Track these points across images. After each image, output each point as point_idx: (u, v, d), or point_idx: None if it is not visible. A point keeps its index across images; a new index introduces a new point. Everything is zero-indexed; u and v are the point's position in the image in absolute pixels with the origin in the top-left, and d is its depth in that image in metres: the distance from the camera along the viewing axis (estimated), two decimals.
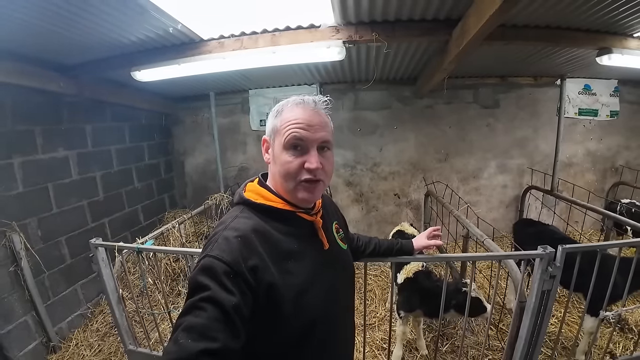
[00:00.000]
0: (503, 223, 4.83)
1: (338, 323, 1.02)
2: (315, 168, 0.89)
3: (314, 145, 0.91)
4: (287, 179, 0.91)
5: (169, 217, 4.78)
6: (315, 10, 2.33)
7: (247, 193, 0.97)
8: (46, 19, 2.04)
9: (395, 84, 4.49)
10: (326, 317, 0.94)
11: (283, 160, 0.90)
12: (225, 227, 0.86)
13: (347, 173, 4.86)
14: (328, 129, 0.95)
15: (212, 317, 0.70)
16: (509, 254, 1.90)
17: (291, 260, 0.89)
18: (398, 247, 1.57)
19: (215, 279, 0.74)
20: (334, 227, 1.12)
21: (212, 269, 0.76)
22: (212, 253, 0.78)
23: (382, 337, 2.83)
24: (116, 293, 2.30)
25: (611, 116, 4.78)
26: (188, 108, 4.88)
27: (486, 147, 4.74)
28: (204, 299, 0.72)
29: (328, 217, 1.09)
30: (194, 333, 0.68)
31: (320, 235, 1.00)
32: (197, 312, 0.71)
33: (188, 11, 2.20)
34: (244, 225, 0.86)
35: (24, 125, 2.86)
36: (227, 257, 0.77)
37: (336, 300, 1.00)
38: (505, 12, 1.86)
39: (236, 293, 0.74)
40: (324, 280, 0.95)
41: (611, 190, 4.94)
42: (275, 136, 0.93)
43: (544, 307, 1.85)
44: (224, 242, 0.81)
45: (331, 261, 1.02)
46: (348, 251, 1.16)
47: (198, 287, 0.74)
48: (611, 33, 2.78)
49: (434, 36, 2.56)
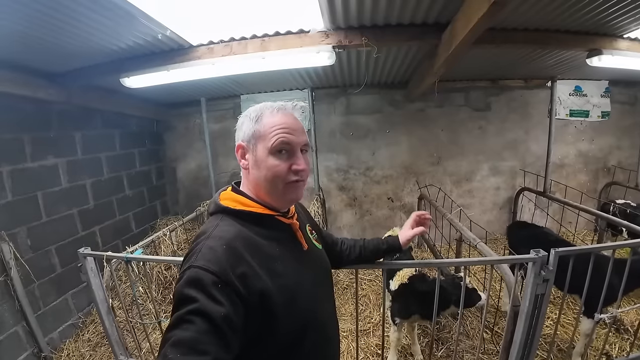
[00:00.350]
0: (497, 225, 4.86)
1: (325, 322, 1.03)
2: (303, 169, 0.93)
3: (298, 148, 0.94)
4: (274, 182, 0.92)
5: (161, 224, 4.74)
6: (304, 16, 2.32)
7: (224, 201, 0.96)
8: (33, 26, 2.02)
9: (386, 88, 4.51)
10: (315, 318, 0.95)
11: (270, 164, 0.91)
12: (207, 236, 0.84)
13: (340, 177, 4.85)
14: (305, 133, 0.99)
15: (201, 330, 0.68)
16: (502, 259, 1.89)
17: (278, 263, 0.89)
18: (385, 247, 1.46)
19: (202, 291, 0.72)
20: (307, 229, 1.13)
21: (198, 280, 0.74)
22: (197, 263, 0.76)
23: (377, 342, 2.81)
24: (106, 303, 2.26)
25: (602, 117, 4.82)
26: (179, 114, 4.86)
27: (478, 149, 4.76)
28: (191, 312, 0.70)
29: (301, 220, 1.10)
30: (183, 347, 0.66)
31: (298, 236, 1.03)
32: (185, 326, 0.69)
33: (177, 17, 2.18)
34: (227, 233, 0.85)
35: (12, 134, 2.82)
36: (214, 266, 0.75)
37: (320, 300, 1.02)
38: (493, 16, 1.86)
39: (225, 303, 0.72)
40: (308, 280, 0.97)
41: (604, 191, 4.97)
42: (257, 141, 0.93)
43: (538, 310, 1.84)
44: (209, 252, 0.79)
45: (311, 261, 1.04)
46: (323, 251, 1.17)
47: (185, 300, 0.72)
48: (601, 34, 2.79)
49: (424, 40, 2.57)
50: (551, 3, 2.19)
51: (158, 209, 4.95)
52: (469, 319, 2.95)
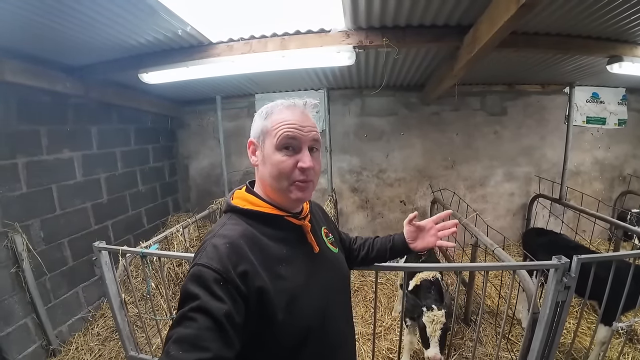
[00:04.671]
0: (510, 231, 4.80)
1: (334, 327, 1.00)
2: (308, 167, 0.90)
3: (306, 146, 0.92)
4: (279, 179, 0.90)
5: (172, 220, 4.77)
6: (325, 15, 2.32)
7: (235, 200, 0.97)
8: (54, 18, 2.03)
9: (402, 90, 4.49)
10: (321, 321, 0.92)
11: (275, 161, 0.90)
12: (213, 235, 0.86)
13: (353, 179, 4.83)
14: (317, 131, 0.96)
15: (203, 327, 0.70)
16: (523, 264, 1.86)
17: (282, 265, 0.88)
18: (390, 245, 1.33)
19: (204, 287, 0.74)
20: (322, 232, 1.11)
21: (201, 277, 0.75)
22: (201, 261, 0.78)
23: (389, 346, 2.77)
24: (118, 297, 2.26)
25: (619, 124, 4.76)
26: (194, 111, 4.89)
27: (493, 154, 4.71)
28: (193, 309, 0.71)
29: (316, 222, 1.09)
30: (185, 344, 0.67)
31: (309, 238, 1.00)
32: (187, 323, 0.70)
33: (197, 14, 2.19)
34: (232, 231, 0.86)
35: (29, 126, 2.85)
36: (216, 264, 0.77)
37: (330, 303, 0.98)
38: (520, 19, 1.84)
39: (227, 300, 0.73)
40: (316, 283, 0.94)
41: (619, 199, 4.90)
42: (265, 137, 0.93)
43: (558, 318, 1.80)
44: (212, 250, 0.80)
45: (323, 265, 1.01)
46: (340, 254, 1.14)
47: (188, 297, 0.74)
48: (622, 41, 2.77)
49: (445, 42, 2.56)
50: (574, 8, 2.17)
51: (170, 205, 4.97)
52: (483, 326, 2.91)
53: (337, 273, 1.08)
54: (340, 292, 1.08)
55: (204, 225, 4.39)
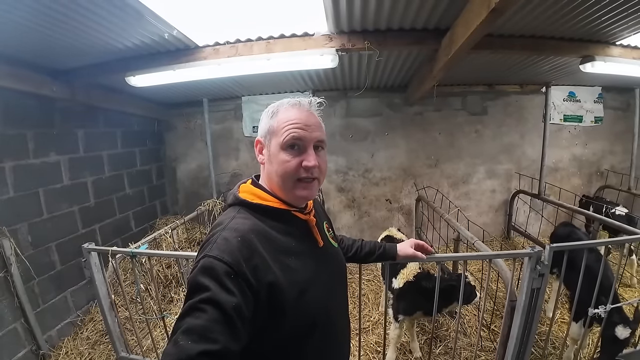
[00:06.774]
0: (492, 227, 4.93)
1: (337, 322, 1.03)
2: (313, 166, 0.92)
3: (311, 145, 0.93)
4: (285, 177, 0.92)
5: (161, 223, 4.75)
6: (309, 19, 2.39)
7: (242, 194, 0.98)
8: (40, 22, 2.04)
9: (385, 92, 4.57)
10: (326, 315, 0.95)
11: (281, 160, 0.92)
12: (223, 228, 0.86)
13: (340, 179, 4.90)
14: (322, 129, 0.98)
15: (212, 319, 0.70)
16: (498, 254, 1.96)
17: (292, 258, 0.89)
18: (380, 251, 1.50)
19: (215, 280, 0.74)
20: (325, 227, 1.14)
21: (212, 269, 0.75)
22: (212, 253, 0.78)
23: (377, 340, 2.84)
24: (108, 299, 2.28)
25: (595, 122, 4.92)
26: (181, 114, 4.88)
27: (475, 152, 4.84)
28: (204, 300, 0.71)
29: (319, 217, 1.11)
30: (194, 335, 0.68)
31: (314, 233, 1.02)
32: (197, 314, 0.70)
33: (184, 17, 2.23)
34: (242, 225, 0.86)
35: (15, 129, 2.84)
36: (228, 257, 0.77)
37: (333, 298, 1.02)
38: (492, 22, 1.92)
39: (237, 294, 0.73)
40: (322, 277, 0.96)
41: (597, 194, 5.05)
42: (271, 136, 0.95)
43: (534, 304, 1.90)
44: (223, 243, 0.80)
45: (326, 259, 1.03)
46: (339, 249, 1.18)
47: (198, 288, 0.74)
48: (594, 41, 2.87)
49: (424, 45, 2.65)
50: (547, 11, 2.26)
51: (157, 208, 4.96)
52: (466, 317, 3.01)
53: (338, 267, 1.11)
54: (340, 284, 1.11)
55: (192, 227, 4.40)
